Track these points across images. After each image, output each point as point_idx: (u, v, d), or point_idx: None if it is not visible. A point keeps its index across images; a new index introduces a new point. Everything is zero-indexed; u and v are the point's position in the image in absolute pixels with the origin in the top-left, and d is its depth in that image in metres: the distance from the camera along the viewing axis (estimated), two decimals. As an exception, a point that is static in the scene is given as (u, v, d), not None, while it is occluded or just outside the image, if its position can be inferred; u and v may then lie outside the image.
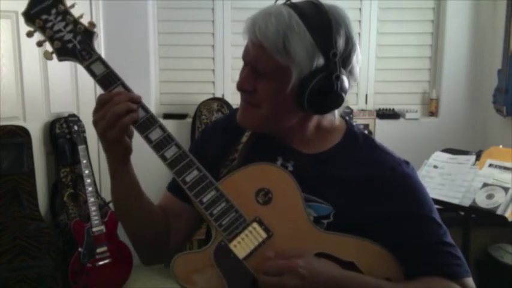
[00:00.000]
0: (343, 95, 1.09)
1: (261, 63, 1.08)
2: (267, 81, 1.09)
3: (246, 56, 1.12)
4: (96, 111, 1.06)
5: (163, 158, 1.07)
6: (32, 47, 2.97)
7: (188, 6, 3.50)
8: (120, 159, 1.11)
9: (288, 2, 1.09)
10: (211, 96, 3.57)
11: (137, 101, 1.07)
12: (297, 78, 1.06)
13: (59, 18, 1.10)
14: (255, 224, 1.07)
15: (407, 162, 1.17)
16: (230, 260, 1.04)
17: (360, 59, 1.12)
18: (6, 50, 2.95)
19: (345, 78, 1.08)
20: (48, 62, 3.05)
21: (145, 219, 1.19)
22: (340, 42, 1.06)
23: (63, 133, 3.14)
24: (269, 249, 1.05)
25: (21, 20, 1.11)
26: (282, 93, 1.08)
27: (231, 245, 1.05)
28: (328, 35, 1.05)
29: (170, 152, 1.07)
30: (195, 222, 1.24)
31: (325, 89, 1.06)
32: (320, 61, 1.05)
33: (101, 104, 1.06)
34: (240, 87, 1.13)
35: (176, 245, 1.23)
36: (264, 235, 1.07)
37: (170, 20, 3.54)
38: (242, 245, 1.05)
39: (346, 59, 1.08)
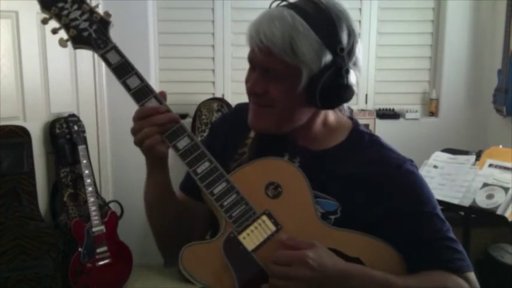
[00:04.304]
0: (353, 87, 1.10)
1: (270, 67, 1.08)
2: (278, 82, 1.09)
3: (253, 60, 1.12)
4: (145, 124, 1.09)
5: (176, 148, 1.08)
6: (32, 47, 3.02)
7: (188, 6, 3.50)
8: (159, 160, 1.13)
9: (287, 4, 1.09)
10: (211, 96, 3.57)
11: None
12: (307, 77, 1.07)
13: (75, 6, 1.10)
14: (264, 217, 1.08)
15: (411, 161, 1.19)
16: (239, 252, 1.05)
17: (361, 48, 1.13)
18: (6, 50, 2.93)
19: (352, 71, 1.09)
20: (49, 62, 3.09)
21: (176, 218, 1.20)
22: (344, 37, 1.07)
23: (63, 133, 3.12)
24: (277, 242, 1.05)
25: (22, 20, 1.11)
26: (294, 92, 1.09)
27: (241, 237, 1.06)
28: (333, 31, 1.06)
29: (182, 143, 1.08)
30: (208, 220, 1.24)
31: (336, 84, 1.07)
32: (328, 58, 1.06)
33: (145, 116, 1.10)
34: (252, 91, 1.12)
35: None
36: (273, 228, 1.07)
37: (170, 20, 3.53)
38: (251, 237, 1.06)
39: (350, 51, 1.09)
